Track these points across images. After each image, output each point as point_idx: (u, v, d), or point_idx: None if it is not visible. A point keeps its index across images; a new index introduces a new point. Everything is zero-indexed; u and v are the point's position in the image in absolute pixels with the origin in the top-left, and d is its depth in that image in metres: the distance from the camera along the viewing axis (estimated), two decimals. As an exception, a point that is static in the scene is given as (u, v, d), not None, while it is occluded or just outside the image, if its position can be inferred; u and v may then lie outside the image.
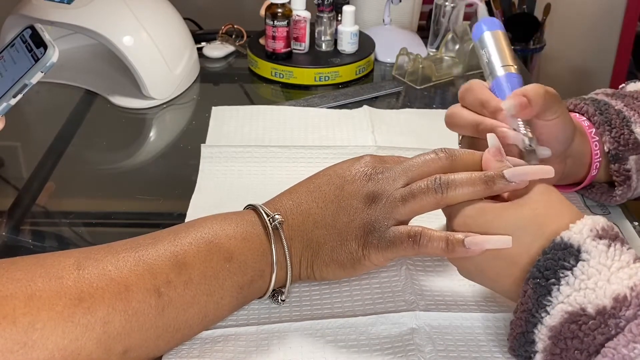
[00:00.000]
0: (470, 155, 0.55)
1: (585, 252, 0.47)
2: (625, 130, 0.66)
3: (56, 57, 0.49)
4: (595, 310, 0.46)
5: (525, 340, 0.49)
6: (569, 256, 0.48)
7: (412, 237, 0.52)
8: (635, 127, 0.67)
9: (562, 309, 0.47)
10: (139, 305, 0.48)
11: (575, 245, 0.48)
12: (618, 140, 0.66)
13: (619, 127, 0.66)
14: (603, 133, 0.67)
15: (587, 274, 0.47)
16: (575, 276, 0.47)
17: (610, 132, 0.66)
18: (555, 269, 0.48)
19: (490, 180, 0.52)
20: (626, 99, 0.70)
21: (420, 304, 0.56)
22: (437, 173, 0.54)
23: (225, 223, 0.54)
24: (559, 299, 0.47)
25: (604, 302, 0.46)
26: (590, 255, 0.47)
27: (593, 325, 0.45)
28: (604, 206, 0.72)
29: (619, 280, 0.46)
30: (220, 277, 0.52)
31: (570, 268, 0.47)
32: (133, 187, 0.80)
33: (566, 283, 0.47)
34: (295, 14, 1.03)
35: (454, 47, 1.09)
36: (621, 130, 0.66)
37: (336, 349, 0.52)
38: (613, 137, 0.66)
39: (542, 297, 0.48)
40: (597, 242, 0.48)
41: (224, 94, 1.05)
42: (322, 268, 0.56)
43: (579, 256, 0.47)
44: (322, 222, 0.55)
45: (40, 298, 0.45)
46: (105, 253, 0.50)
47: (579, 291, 0.47)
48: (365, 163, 0.57)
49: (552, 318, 0.47)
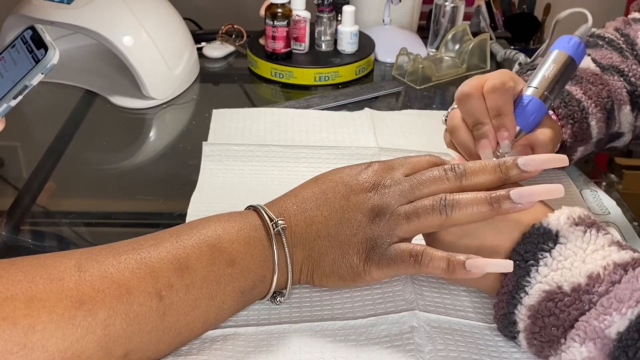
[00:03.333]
0: (480, 169, 0.54)
1: (563, 236, 0.50)
2: (583, 125, 0.70)
3: (57, 58, 0.49)
4: (570, 288, 0.48)
5: (507, 321, 0.52)
6: (547, 240, 0.51)
7: (413, 257, 0.52)
8: (591, 121, 0.70)
9: (540, 289, 0.49)
10: (140, 309, 0.48)
11: (554, 231, 0.51)
12: (576, 135, 0.70)
13: (580, 121, 0.70)
14: (565, 125, 0.69)
15: (564, 255, 0.50)
16: (553, 257, 0.50)
17: (572, 126, 0.69)
18: (535, 252, 0.50)
19: (496, 202, 0.51)
20: (584, 84, 0.71)
21: (420, 303, 0.56)
22: (445, 192, 0.53)
23: (228, 225, 0.54)
24: (537, 279, 0.50)
25: (579, 280, 0.48)
26: (568, 239, 0.50)
27: (568, 301, 0.48)
28: (604, 206, 0.72)
29: (594, 260, 0.49)
30: (222, 281, 0.52)
31: (548, 250, 0.50)
32: (133, 187, 0.80)
33: (544, 264, 0.50)
34: (295, 14, 1.03)
35: (454, 47, 1.09)
36: (581, 125, 0.70)
37: (335, 349, 0.52)
38: (574, 132, 0.70)
39: (522, 278, 0.50)
40: (574, 228, 0.51)
41: (223, 94, 1.05)
42: (322, 277, 0.56)
43: (557, 240, 0.50)
44: (325, 232, 0.55)
45: (41, 300, 0.45)
46: (106, 254, 0.50)
47: (556, 271, 0.49)
48: (373, 173, 0.56)
49: (531, 298, 0.50)
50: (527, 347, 0.52)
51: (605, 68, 0.74)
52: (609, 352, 0.45)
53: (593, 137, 0.71)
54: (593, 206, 0.72)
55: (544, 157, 0.54)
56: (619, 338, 0.45)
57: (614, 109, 0.72)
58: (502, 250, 0.52)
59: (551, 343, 0.49)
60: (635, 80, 0.74)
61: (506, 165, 0.54)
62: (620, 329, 0.45)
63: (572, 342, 0.47)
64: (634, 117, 0.75)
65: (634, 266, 0.48)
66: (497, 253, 0.52)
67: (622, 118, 0.73)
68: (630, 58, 0.76)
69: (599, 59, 0.75)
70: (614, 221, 0.70)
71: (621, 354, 0.45)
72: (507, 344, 0.53)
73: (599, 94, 0.71)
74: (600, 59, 0.75)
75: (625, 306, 0.46)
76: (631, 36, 0.79)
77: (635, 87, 0.74)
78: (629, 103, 0.73)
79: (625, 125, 0.74)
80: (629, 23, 0.80)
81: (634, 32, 0.79)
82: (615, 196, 0.74)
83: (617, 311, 0.46)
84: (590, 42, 0.79)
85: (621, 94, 0.73)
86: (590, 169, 0.80)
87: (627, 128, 0.75)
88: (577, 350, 0.47)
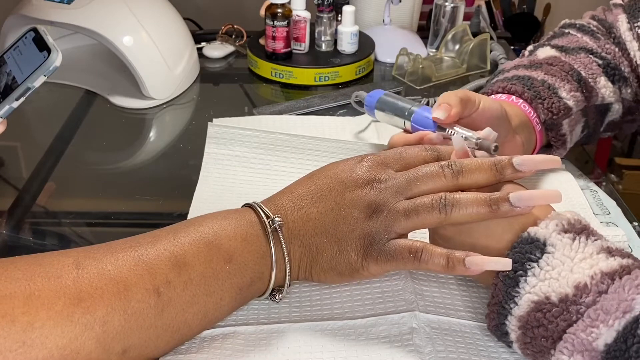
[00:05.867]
0: (476, 167, 0.54)
1: (551, 245, 0.50)
2: (554, 99, 0.71)
3: (59, 61, 0.49)
4: (558, 298, 0.48)
5: (500, 332, 0.52)
6: (535, 249, 0.50)
7: (412, 253, 0.52)
8: (562, 93, 0.72)
9: (529, 299, 0.49)
10: (139, 305, 0.48)
11: (542, 239, 0.50)
12: (551, 110, 0.71)
13: (549, 97, 0.72)
14: (537, 106, 0.71)
15: (552, 265, 0.49)
16: (541, 267, 0.49)
17: (543, 103, 0.71)
18: (523, 262, 0.50)
19: (495, 204, 0.52)
20: (544, 67, 0.74)
21: (420, 304, 0.56)
22: (442, 190, 0.53)
23: (225, 222, 0.54)
24: (526, 290, 0.50)
25: (566, 291, 0.48)
26: (555, 247, 0.50)
27: (556, 312, 0.48)
28: (604, 206, 0.72)
29: (581, 270, 0.48)
30: (220, 278, 0.52)
31: (536, 260, 0.50)
32: (133, 187, 0.80)
33: (532, 274, 0.50)
34: (295, 14, 1.04)
35: (454, 47, 1.09)
36: (551, 100, 0.71)
37: (335, 349, 0.52)
38: (546, 108, 0.71)
39: (511, 288, 0.50)
40: (562, 235, 0.50)
41: (223, 94, 1.05)
42: (320, 273, 0.56)
43: (544, 249, 0.50)
44: (322, 228, 0.55)
45: (40, 297, 0.45)
46: (104, 252, 0.50)
47: (544, 281, 0.49)
48: (367, 168, 0.56)
49: (520, 308, 0.50)
50: (523, 356, 0.52)
51: (570, 50, 0.77)
52: None
53: (572, 107, 0.73)
54: (593, 206, 0.72)
55: (539, 158, 0.54)
56: (607, 350, 0.45)
57: (584, 79, 0.74)
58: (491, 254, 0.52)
59: (542, 353, 0.49)
60: (606, 55, 0.77)
61: (501, 164, 0.54)
62: (607, 341, 0.45)
63: (561, 355, 0.47)
64: (616, 89, 0.77)
65: (621, 275, 0.47)
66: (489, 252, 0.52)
67: (601, 89, 0.76)
68: (602, 39, 0.79)
69: (562, 44, 0.79)
70: (614, 221, 0.70)
71: None
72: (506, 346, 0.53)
73: (561, 70, 0.74)
74: (563, 44, 0.79)
75: (612, 317, 0.45)
76: (609, 20, 0.81)
77: (608, 60, 0.77)
78: (603, 75, 0.76)
79: (609, 95, 0.76)
80: (610, 9, 0.83)
81: (614, 16, 0.81)
82: (615, 196, 0.74)
83: (604, 323, 0.45)
84: (557, 32, 0.83)
85: (591, 68, 0.75)
86: (590, 169, 0.80)
87: (613, 98, 0.77)
88: None
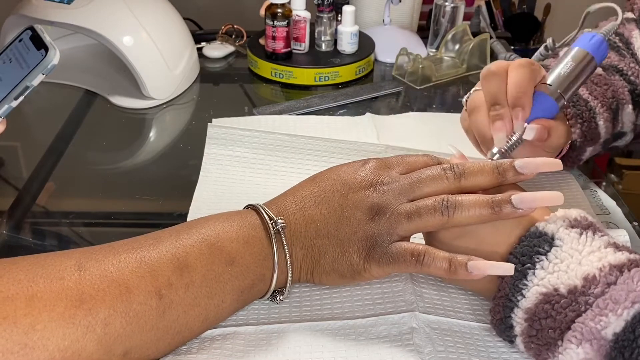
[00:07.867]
0: (479, 169, 0.55)
1: (559, 239, 0.51)
2: (592, 124, 0.70)
3: (57, 59, 0.49)
4: (567, 290, 0.48)
5: (504, 325, 0.52)
6: (543, 243, 0.51)
7: (415, 256, 0.52)
8: (599, 120, 0.71)
9: (537, 291, 0.50)
10: (140, 307, 0.48)
11: (550, 234, 0.51)
12: (586, 134, 0.70)
13: (588, 120, 0.70)
14: (574, 125, 0.70)
15: (560, 258, 0.50)
16: (549, 260, 0.50)
17: (582, 125, 0.70)
18: (531, 255, 0.51)
19: (497, 205, 0.52)
20: (589, 85, 0.72)
21: (420, 304, 0.56)
22: (444, 193, 0.54)
23: (227, 224, 0.54)
24: (534, 282, 0.50)
25: (575, 282, 0.48)
26: (563, 241, 0.50)
27: (565, 303, 0.48)
28: (604, 206, 0.72)
29: (589, 262, 0.49)
30: (222, 280, 0.52)
31: (544, 253, 0.50)
32: (133, 187, 0.80)
33: (541, 267, 0.50)
34: (295, 14, 1.04)
35: (454, 47, 1.09)
36: (590, 124, 0.70)
37: (335, 349, 0.52)
38: (582, 131, 0.70)
39: (519, 281, 0.51)
40: (569, 230, 0.51)
41: (223, 94, 1.05)
42: (321, 275, 0.56)
43: (552, 242, 0.51)
44: (325, 230, 0.55)
45: (41, 299, 0.45)
46: (106, 254, 0.50)
47: (552, 274, 0.50)
48: (370, 170, 0.56)
49: (528, 300, 0.50)
50: (525, 351, 0.52)
51: (606, 68, 0.75)
52: (605, 353, 0.46)
53: (601, 136, 0.72)
54: (593, 206, 0.72)
55: (541, 161, 0.54)
56: (615, 339, 0.45)
57: (618, 108, 0.73)
58: (499, 252, 0.53)
59: (548, 345, 0.49)
60: (634, 79, 0.75)
61: (503, 167, 0.54)
62: (616, 330, 0.45)
63: (569, 344, 0.47)
64: (635, 116, 0.75)
65: (629, 267, 0.48)
66: (494, 254, 0.53)
67: (624, 118, 0.74)
68: (627, 56, 0.77)
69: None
70: (614, 221, 0.70)
71: (617, 355, 0.45)
72: (506, 346, 0.53)
73: (604, 94, 0.72)
74: None
75: (621, 307, 0.46)
76: (625, 35, 0.79)
77: (635, 85, 0.75)
78: (631, 102, 0.74)
79: (628, 125, 0.75)
80: (623, 23, 0.81)
81: (628, 31, 0.79)
82: (616, 196, 0.74)
83: (612, 312, 0.46)
84: None
85: (623, 94, 0.73)
86: (590, 169, 0.80)
87: (629, 127, 0.75)
88: (574, 352, 0.47)
